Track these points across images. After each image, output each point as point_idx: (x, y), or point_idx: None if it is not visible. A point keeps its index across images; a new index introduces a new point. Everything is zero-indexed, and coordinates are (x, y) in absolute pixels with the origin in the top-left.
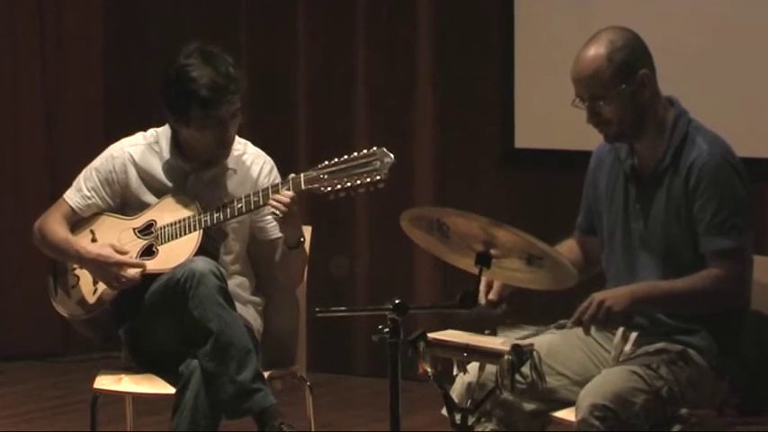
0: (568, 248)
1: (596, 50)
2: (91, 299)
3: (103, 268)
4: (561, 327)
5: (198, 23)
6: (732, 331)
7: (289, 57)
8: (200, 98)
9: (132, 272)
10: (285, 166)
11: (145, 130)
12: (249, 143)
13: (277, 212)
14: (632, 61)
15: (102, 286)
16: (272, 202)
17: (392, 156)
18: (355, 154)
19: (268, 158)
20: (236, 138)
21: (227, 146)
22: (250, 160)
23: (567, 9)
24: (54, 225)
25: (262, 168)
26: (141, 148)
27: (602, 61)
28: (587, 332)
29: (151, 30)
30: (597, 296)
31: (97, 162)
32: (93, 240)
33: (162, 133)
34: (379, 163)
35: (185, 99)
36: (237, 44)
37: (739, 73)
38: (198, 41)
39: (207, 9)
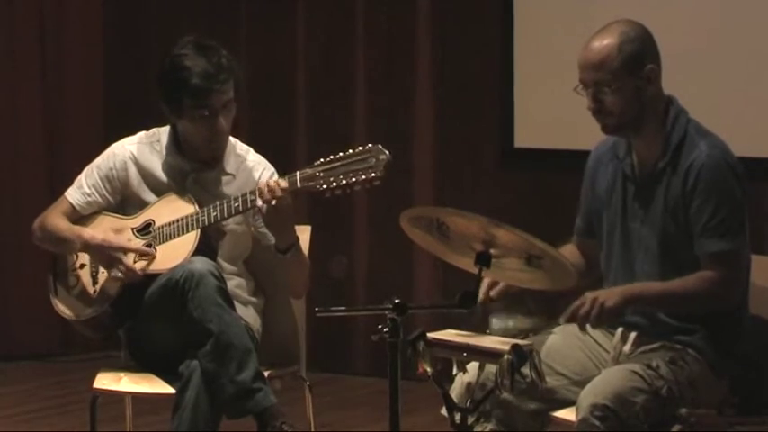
0: (569, 253)
1: (608, 39)
2: (90, 300)
3: (108, 254)
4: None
5: (198, 23)
6: (731, 331)
7: (288, 57)
8: (190, 87)
9: (136, 265)
10: (284, 165)
11: (146, 129)
12: (251, 150)
13: (265, 201)
14: (641, 54)
15: (101, 286)
16: (260, 187)
17: (387, 153)
18: (350, 151)
19: (269, 166)
20: (239, 144)
21: (219, 134)
22: (250, 167)
23: (567, 9)
24: (55, 219)
25: (262, 174)
26: (142, 147)
27: (612, 50)
28: (583, 329)
29: (151, 30)
30: (590, 294)
31: (98, 160)
32: None
33: (163, 132)
34: (374, 160)
35: (177, 88)
36: (237, 44)
37: (739, 73)
38: (195, 35)
39: (206, 9)
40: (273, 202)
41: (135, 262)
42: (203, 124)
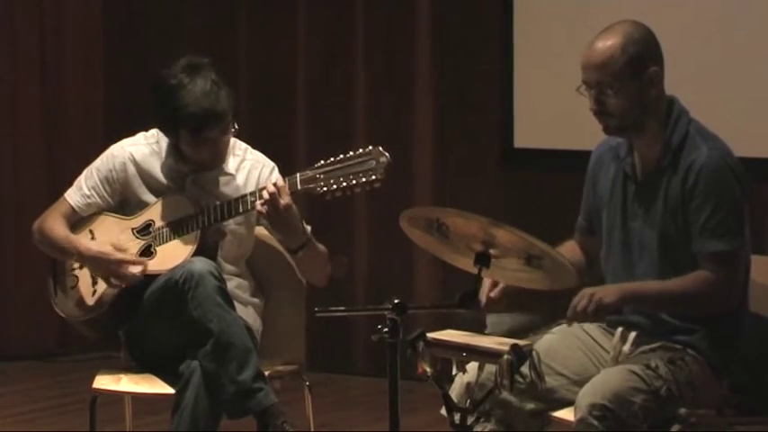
0: (570, 250)
1: (611, 40)
2: (90, 300)
3: (104, 266)
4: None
5: (198, 23)
6: (731, 331)
7: (288, 57)
8: (186, 124)
9: (133, 269)
10: (284, 166)
11: (145, 130)
12: (250, 148)
13: (264, 207)
14: (645, 56)
15: (101, 287)
16: (260, 189)
17: (387, 155)
18: (351, 153)
19: (269, 162)
20: (237, 143)
21: (218, 158)
22: (249, 166)
23: (567, 10)
24: (54, 224)
25: (261, 172)
26: (142, 148)
27: (616, 51)
28: (579, 321)
29: (151, 29)
30: (588, 290)
31: (98, 161)
32: (93, 240)
33: (162, 134)
34: (374, 162)
35: (173, 123)
36: (237, 42)
37: (739, 73)
38: (187, 56)
39: (207, 9)
40: (274, 205)
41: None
42: (201, 150)
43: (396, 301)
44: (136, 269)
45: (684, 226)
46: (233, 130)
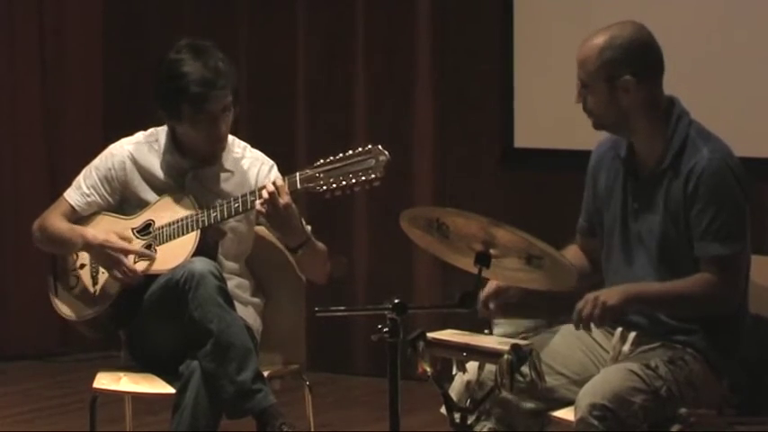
0: (573, 254)
1: (597, 40)
2: (91, 300)
3: (109, 254)
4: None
5: (198, 22)
6: (731, 331)
7: (288, 55)
8: (189, 94)
9: (137, 266)
10: (284, 164)
11: (145, 129)
12: (249, 146)
13: (264, 207)
14: (620, 64)
15: (101, 287)
16: (259, 192)
17: (387, 153)
18: (350, 152)
19: (268, 160)
20: (237, 141)
21: (220, 140)
22: (248, 163)
23: (567, 10)
24: (55, 220)
25: (260, 170)
26: (141, 146)
27: (594, 52)
28: (587, 329)
29: (151, 28)
30: (591, 294)
31: (97, 160)
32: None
33: (161, 131)
34: (374, 161)
35: (176, 95)
36: (237, 42)
37: (739, 73)
38: (192, 38)
39: (206, 9)
40: (274, 204)
41: (135, 263)
42: (203, 129)
43: (396, 301)
44: (139, 266)
45: (685, 229)
46: (234, 109)
